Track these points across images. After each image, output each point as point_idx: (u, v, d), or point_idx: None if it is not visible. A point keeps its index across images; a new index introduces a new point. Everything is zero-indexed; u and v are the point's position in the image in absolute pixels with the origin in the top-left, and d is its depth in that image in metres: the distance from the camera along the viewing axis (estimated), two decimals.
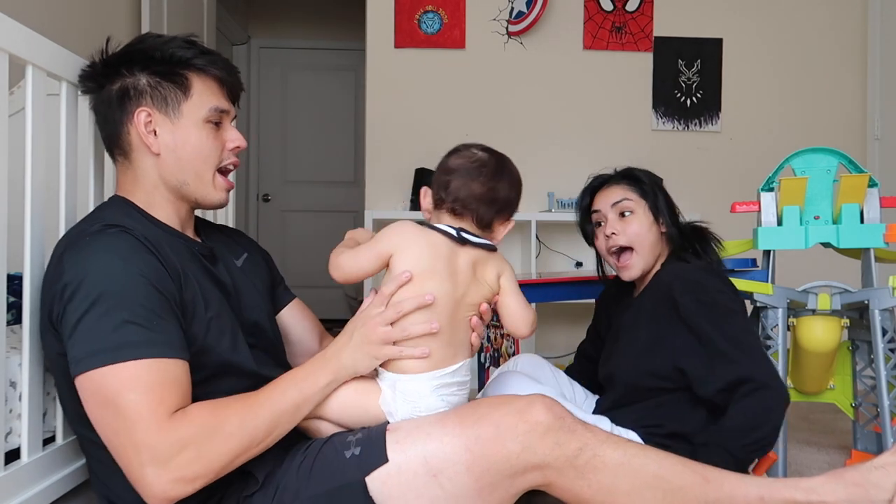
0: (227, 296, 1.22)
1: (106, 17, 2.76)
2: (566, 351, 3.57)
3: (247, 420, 1.04)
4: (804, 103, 3.65)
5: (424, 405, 1.15)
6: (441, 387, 1.16)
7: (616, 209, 1.61)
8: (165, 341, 1.03)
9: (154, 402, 0.98)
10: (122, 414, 0.98)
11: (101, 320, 1.00)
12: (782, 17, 3.65)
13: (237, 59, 5.27)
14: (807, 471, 1.91)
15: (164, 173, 1.20)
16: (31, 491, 1.18)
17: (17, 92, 1.44)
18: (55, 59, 1.24)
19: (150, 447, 0.97)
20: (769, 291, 1.69)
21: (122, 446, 0.99)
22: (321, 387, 1.12)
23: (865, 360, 1.84)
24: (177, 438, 0.98)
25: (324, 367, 1.14)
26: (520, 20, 3.53)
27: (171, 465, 0.97)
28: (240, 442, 1.03)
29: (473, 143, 1.29)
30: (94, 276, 1.03)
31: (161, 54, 1.19)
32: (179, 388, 1.02)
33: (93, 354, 0.99)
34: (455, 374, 1.17)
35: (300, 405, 1.11)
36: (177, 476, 0.98)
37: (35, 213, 1.20)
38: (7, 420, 1.17)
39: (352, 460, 1.07)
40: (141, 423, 0.97)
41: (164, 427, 0.98)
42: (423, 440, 1.06)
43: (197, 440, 0.99)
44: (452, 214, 1.22)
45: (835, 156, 1.77)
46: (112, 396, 0.98)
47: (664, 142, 3.63)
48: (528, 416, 1.04)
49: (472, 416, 1.06)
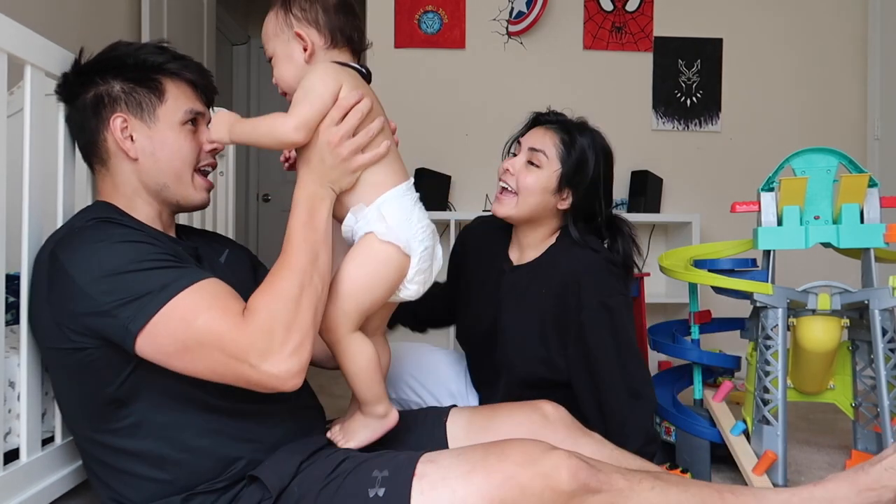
0: None
1: (106, 17, 2.76)
2: None
3: (298, 277, 1.08)
4: (804, 103, 3.65)
5: (416, 217, 1.20)
6: (415, 199, 1.23)
7: (529, 154, 1.61)
8: (193, 270, 1.08)
9: (221, 313, 1.02)
10: (205, 342, 1.01)
11: (127, 284, 1.02)
12: (782, 17, 3.65)
13: (237, 58, 5.27)
14: (807, 471, 1.91)
15: (143, 177, 1.21)
16: (30, 491, 1.18)
17: (16, 92, 1.44)
18: (54, 59, 1.24)
19: (248, 349, 1.01)
20: (769, 291, 1.69)
21: (228, 367, 1.02)
22: (327, 214, 1.15)
23: (865, 360, 1.83)
24: (261, 327, 1.02)
25: (316, 196, 1.15)
26: (520, 20, 3.53)
27: (276, 347, 1.02)
28: (309, 297, 1.08)
29: None
30: (98, 259, 1.04)
31: (134, 60, 1.21)
32: (231, 294, 1.07)
33: (140, 310, 1.01)
34: (413, 189, 1.24)
35: (326, 238, 1.14)
36: (287, 352, 1.03)
37: (33, 213, 1.20)
38: (6, 420, 1.17)
39: (374, 501, 1.06)
40: (226, 337, 1.01)
41: (244, 327, 1.02)
42: (448, 496, 1.04)
43: (277, 317, 1.03)
44: (352, 55, 1.24)
45: (835, 156, 1.77)
46: (185, 334, 1.01)
47: (664, 142, 3.63)
48: (553, 481, 1.04)
49: (498, 474, 1.05)
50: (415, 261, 1.20)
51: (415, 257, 1.20)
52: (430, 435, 1.35)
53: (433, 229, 1.25)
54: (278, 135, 1.14)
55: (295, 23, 1.22)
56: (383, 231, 1.18)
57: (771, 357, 1.70)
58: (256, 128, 1.17)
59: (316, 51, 1.21)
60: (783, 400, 1.68)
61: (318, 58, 1.22)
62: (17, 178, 1.19)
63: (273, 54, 1.25)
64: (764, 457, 1.65)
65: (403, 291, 1.23)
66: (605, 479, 1.07)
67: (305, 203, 1.15)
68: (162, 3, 3.06)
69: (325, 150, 1.15)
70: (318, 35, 1.22)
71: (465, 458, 1.09)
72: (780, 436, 1.67)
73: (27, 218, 1.19)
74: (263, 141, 1.16)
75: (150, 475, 1.10)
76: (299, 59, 1.22)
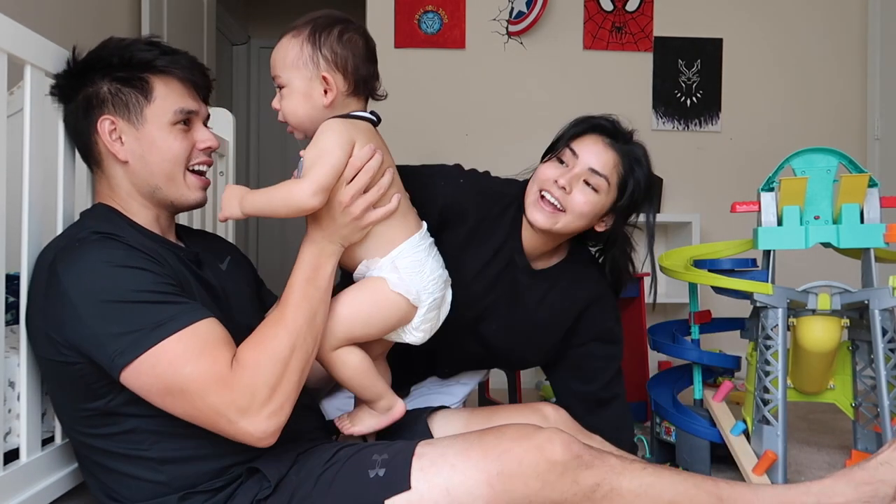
0: (217, 299, 1.22)
1: (106, 17, 2.76)
2: None
3: (291, 336, 1.07)
4: (804, 103, 3.65)
5: (429, 268, 1.21)
6: (429, 246, 1.24)
7: (588, 174, 1.43)
8: (191, 308, 1.05)
9: (209, 365, 1.01)
10: (188, 390, 1.00)
11: (122, 314, 1.01)
12: (782, 17, 3.64)
13: (237, 59, 5.27)
14: (807, 470, 1.91)
15: (134, 180, 1.19)
16: (30, 491, 1.18)
17: (16, 92, 1.44)
18: (54, 59, 1.24)
19: (229, 405, 1.01)
20: (769, 291, 1.69)
21: (206, 417, 1.02)
22: (331, 272, 1.15)
23: (865, 360, 1.83)
24: (246, 385, 1.02)
25: (323, 253, 1.15)
26: (520, 20, 3.53)
27: (255, 407, 1.02)
28: (298, 358, 1.07)
29: (345, 17, 1.24)
30: (97, 280, 1.03)
31: (119, 59, 1.17)
32: (223, 342, 1.05)
33: (128, 347, 1.00)
34: (427, 235, 1.26)
35: (324, 299, 1.14)
36: (266, 413, 1.03)
37: (34, 213, 1.20)
38: (6, 420, 1.17)
39: (374, 481, 1.07)
40: (209, 390, 1.01)
41: (229, 382, 1.01)
42: (447, 471, 1.06)
43: (263, 378, 1.03)
44: (363, 100, 1.25)
45: (835, 156, 1.77)
46: (170, 379, 1.00)
47: (664, 142, 3.63)
48: (547, 452, 1.05)
49: (495, 450, 1.07)
50: (422, 311, 1.21)
51: (422, 308, 1.20)
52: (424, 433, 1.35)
53: (445, 278, 1.25)
54: (295, 203, 1.11)
55: (324, 64, 1.17)
56: (395, 282, 1.18)
57: (771, 357, 1.70)
58: (271, 199, 1.13)
59: (337, 97, 1.19)
60: (783, 400, 1.68)
61: (336, 104, 1.19)
62: (17, 178, 1.19)
63: (287, 84, 1.19)
64: (764, 457, 1.65)
65: (408, 336, 1.24)
66: (598, 455, 1.09)
67: (311, 259, 1.14)
68: (162, 3, 3.06)
69: (337, 210, 1.14)
70: (343, 82, 1.19)
71: (461, 439, 1.12)
72: (780, 436, 1.66)
73: (27, 218, 1.19)
74: (280, 211, 1.12)
75: (146, 476, 1.10)
76: (318, 101, 1.18)
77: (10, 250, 1.17)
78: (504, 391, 2.35)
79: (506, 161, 3.58)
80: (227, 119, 2.31)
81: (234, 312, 1.24)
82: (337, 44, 1.18)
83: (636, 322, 2.44)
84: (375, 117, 1.24)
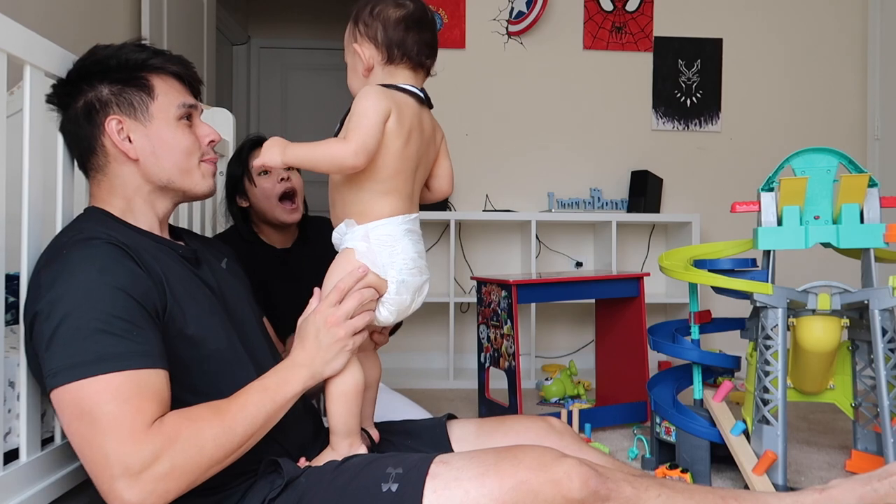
0: (215, 297, 1.22)
1: (106, 17, 2.76)
2: (567, 351, 3.57)
3: (221, 433, 1.03)
4: (804, 103, 3.65)
5: (401, 248, 1.23)
6: (409, 231, 1.25)
7: None
8: (144, 352, 1.01)
9: (130, 413, 0.96)
10: (96, 425, 0.96)
11: (77, 333, 0.99)
12: (782, 16, 3.65)
13: (237, 59, 5.27)
14: (807, 471, 1.91)
15: (147, 176, 1.20)
16: (30, 491, 1.18)
17: (16, 92, 1.44)
18: (54, 59, 1.24)
19: (121, 459, 0.95)
20: (769, 291, 1.69)
21: (93, 457, 0.97)
22: (294, 394, 1.13)
23: (865, 360, 1.83)
24: (150, 451, 0.96)
25: (295, 375, 1.14)
26: (520, 20, 3.53)
27: (143, 478, 0.95)
28: (213, 455, 1.01)
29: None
30: (70, 292, 1.02)
31: (116, 61, 1.19)
32: (157, 398, 1.00)
33: (71, 367, 0.98)
34: (415, 223, 1.27)
35: (274, 415, 1.11)
36: (148, 489, 0.95)
37: (33, 213, 1.20)
38: (6, 420, 1.17)
39: (386, 495, 1.06)
40: (114, 434, 0.95)
41: (139, 439, 0.96)
42: (461, 496, 1.04)
43: (171, 453, 0.97)
44: (413, 71, 1.28)
45: (835, 156, 1.77)
46: (88, 408, 0.97)
47: (664, 142, 3.63)
48: (564, 488, 1.04)
49: (511, 479, 1.05)
50: (392, 288, 1.23)
51: (392, 285, 1.22)
52: (434, 440, 1.35)
53: (421, 266, 1.27)
54: (339, 159, 1.16)
55: (358, 37, 1.27)
56: (362, 251, 1.22)
57: (771, 357, 1.70)
58: (314, 152, 1.18)
59: (374, 66, 1.27)
60: (783, 400, 1.68)
61: (375, 73, 1.27)
62: (16, 177, 1.19)
63: (347, 63, 1.32)
64: (764, 457, 1.65)
65: (379, 312, 1.25)
66: (614, 487, 1.08)
67: (283, 373, 1.14)
68: (162, 3, 3.06)
69: (322, 329, 1.16)
70: (375, 51, 1.26)
71: (478, 461, 1.09)
72: (780, 436, 1.66)
73: (27, 218, 1.19)
74: (322, 164, 1.18)
75: None
76: (360, 72, 1.28)
77: (11, 250, 1.17)
78: (504, 391, 2.36)
79: (506, 161, 3.59)
80: (227, 119, 2.31)
81: (230, 309, 1.24)
82: (369, 16, 1.26)
83: (636, 322, 2.44)
84: (423, 94, 1.27)
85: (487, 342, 2.44)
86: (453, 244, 3.29)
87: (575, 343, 3.59)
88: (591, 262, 3.62)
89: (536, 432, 1.34)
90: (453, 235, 3.29)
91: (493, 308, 2.39)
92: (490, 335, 2.42)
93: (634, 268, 3.62)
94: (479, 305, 2.49)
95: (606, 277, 2.45)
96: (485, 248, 3.60)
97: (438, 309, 3.46)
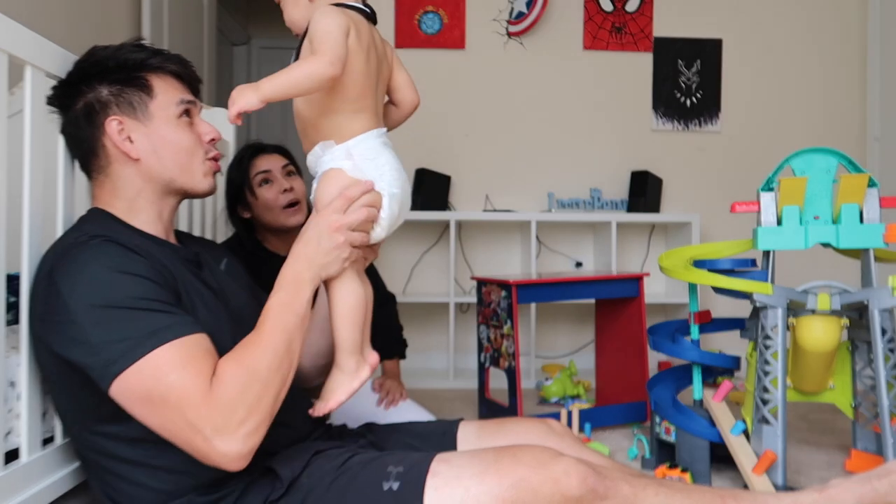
0: (217, 299, 1.22)
1: (106, 17, 2.76)
2: (566, 351, 3.57)
3: (270, 357, 1.07)
4: (804, 103, 3.65)
5: (384, 160, 1.23)
6: (385, 144, 1.26)
7: (286, 169, 2.04)
8: (183, 321, 1.05)
9: (192, 377, 1.00)
10: (167, 400, 0.99)
11: (115, 322, 1.01)
12: (782, 17, 3.65)
13: (237, 59, 5.27)
14: (806, 470, 1.91)
15: (149, 176, 1.20)
16: (30, 490, 1.18)
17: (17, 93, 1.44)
18: (54, 59, 1.24)
19: (205, 422, 0.99)
20: (769, 291, 1.69)
21: (179, 432, 1.01)
22: (307, 299, 1.15)
23: (865, 360, 1.84)
24: (224, 404, 1.00)
25: (302, 279, 1.16)
26: (520, 20, 3.53)
27: (231, 427, 1.00)
28: (272, 380, 1.06)
29: None
30: (93, 286, 1.03)
31: (115, 62, 1.20)
32: (209, 355, 1.05)
33: (124, 353, 1.00)
34: (387, 137, 1.28)
35: (301, 325, 1.13)
36: (242, 433, 1.00)
37: (34, 213, 1.20)
38: (6, 420, 1.17)
39: (388, 494, 1.07)
40: (188, 402, 0.99)
41: (209, 398, 1.00)
42: (461, 493, 1.05)
43: (242, 397, 1.01)
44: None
45: (834, 156, 1.77)
46: (154, 386, 0.99)
47: (664, 142, 3.63)
48: (563, 486, 1.05)
49: (511, 476, 1.06)
50: (385, 201, 1.23)
51: (385, 198, 1.23)
52: (441, 444, 1.35)
53: (404, 178, 1.28)
54: (317, 73, 1.14)
55: None
56: (350, 168, 1.21)
57: (771, 357, 1.70)
58: (288, 76, 1.15)
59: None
60: (783, 400, 1.68)
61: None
62: (17, 178, 1.19)
63: (280, 1, 1.31)
64: (764, 456, 1.65)
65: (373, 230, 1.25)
66: (612, 486, 1.09)
67: (290, 284, 1.15)
68: (162, 4, 3.06)
69: (325, 232, 1.17)
70: None
71: (478, 460, 1.10)
72: (779, 436, 1.67)
73: (28, 218, 1.19)
74: (302, 84, 1.14)
75: (151, 485, 1.10)
76: (302, 2, 1.27)
77: (11, 250, 1.17)
78: (504, 391, 2.36)
79: (506, 161, 3.59)
80: None
81: (231, 311, 1.24)
82: None
83: (636, 322, 2.44)
84: (368, 8, 1.28)
85: (487, 342, 2.44)
86: (453, 244, 3.29)
87: (575, 343, 3.59)
88: (591, 263, 3.62)
89: (536, 434, 1.34)
90: (453, 235, 3.29)
91: (493, 308, 2.39)
92: (490, 335, 2.42)
93: (634, 268, 3.62)
94: (479, 305, 2.49)
95: (606, 277, 2.45)
96: (485, 248, 3.60)
97: (438, 309, 3.46)
